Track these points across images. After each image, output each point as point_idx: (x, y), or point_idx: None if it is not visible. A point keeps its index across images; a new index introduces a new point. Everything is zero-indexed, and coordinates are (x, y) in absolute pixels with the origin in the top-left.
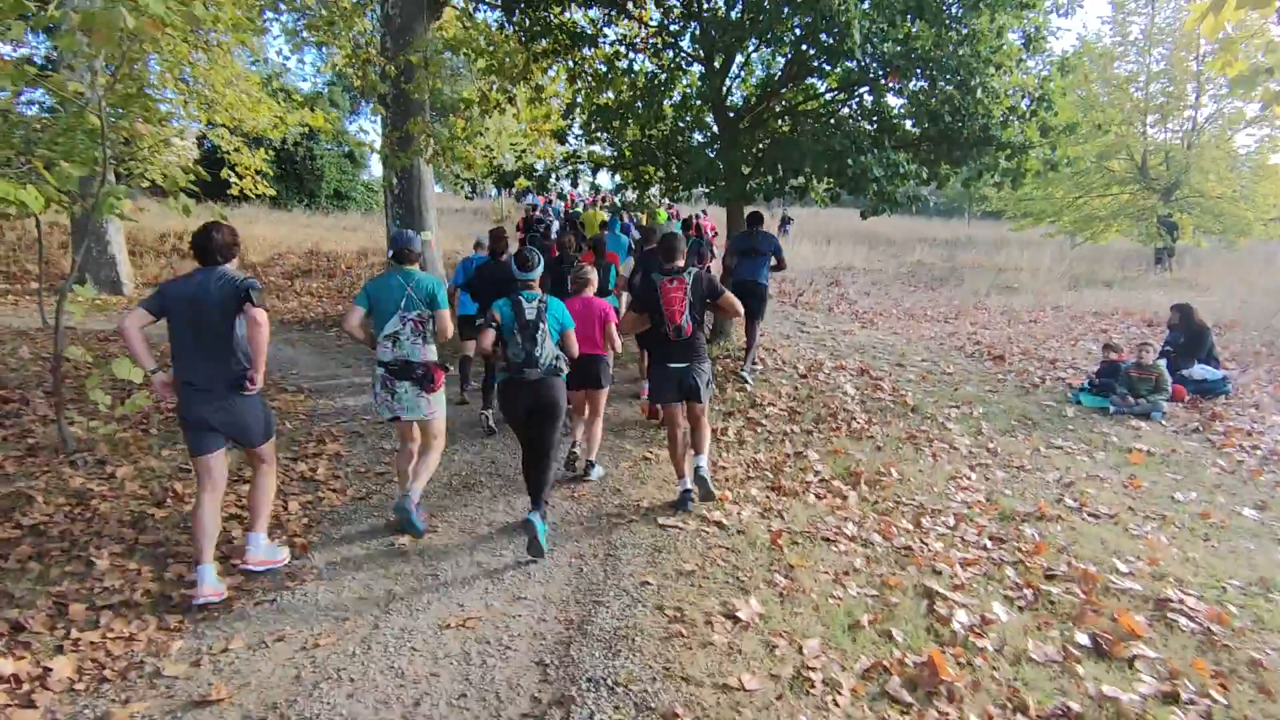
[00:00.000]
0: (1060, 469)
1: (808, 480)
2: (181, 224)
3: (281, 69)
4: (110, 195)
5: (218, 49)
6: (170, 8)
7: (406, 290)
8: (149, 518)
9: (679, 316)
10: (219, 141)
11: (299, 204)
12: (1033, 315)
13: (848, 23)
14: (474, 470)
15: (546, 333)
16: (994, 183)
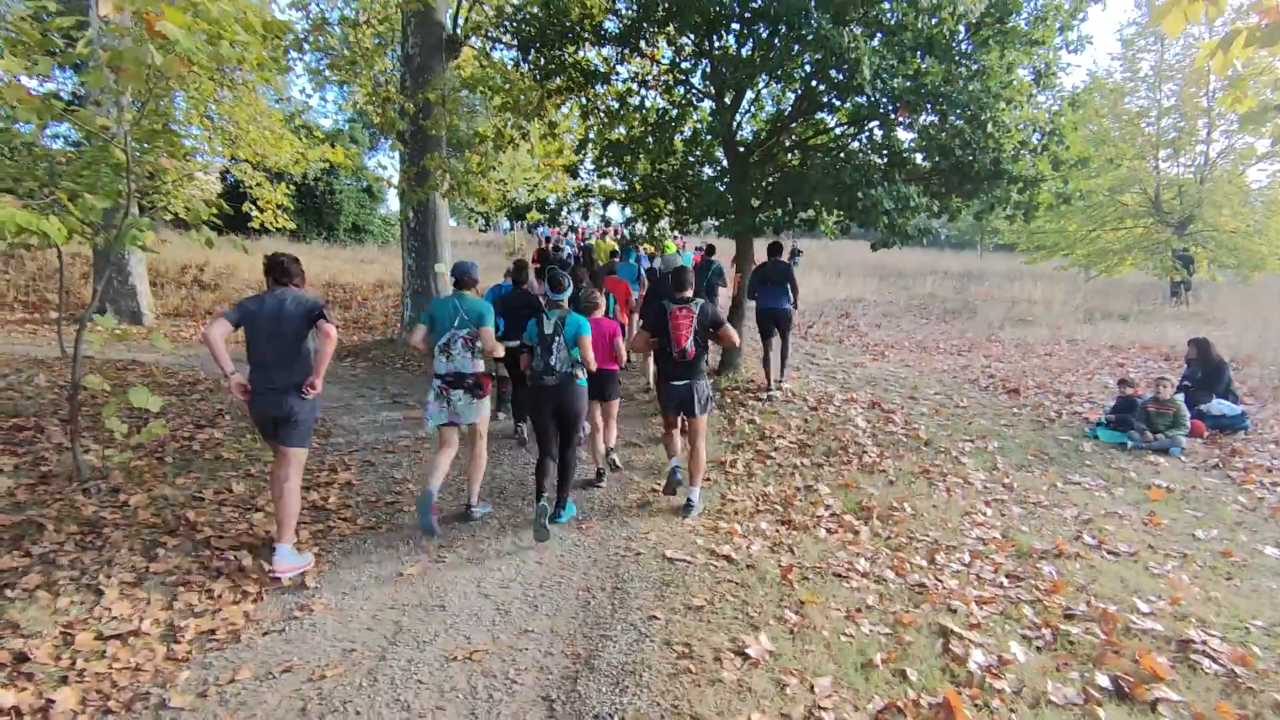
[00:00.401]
0: (1078, 505)
1: (818, 514)
2: (203, 255)
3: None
4: (133, 227)
5: (243, 87)
6: (198, 46)
7: (460, 311)
8: (161, 546)
9: (684, 340)
10: (242, 176)
11: (317, 237)
12: (1048, 348)
13: (857, 59)
14: (481, 500)
15: (562, 343)
16: (1006, 216)
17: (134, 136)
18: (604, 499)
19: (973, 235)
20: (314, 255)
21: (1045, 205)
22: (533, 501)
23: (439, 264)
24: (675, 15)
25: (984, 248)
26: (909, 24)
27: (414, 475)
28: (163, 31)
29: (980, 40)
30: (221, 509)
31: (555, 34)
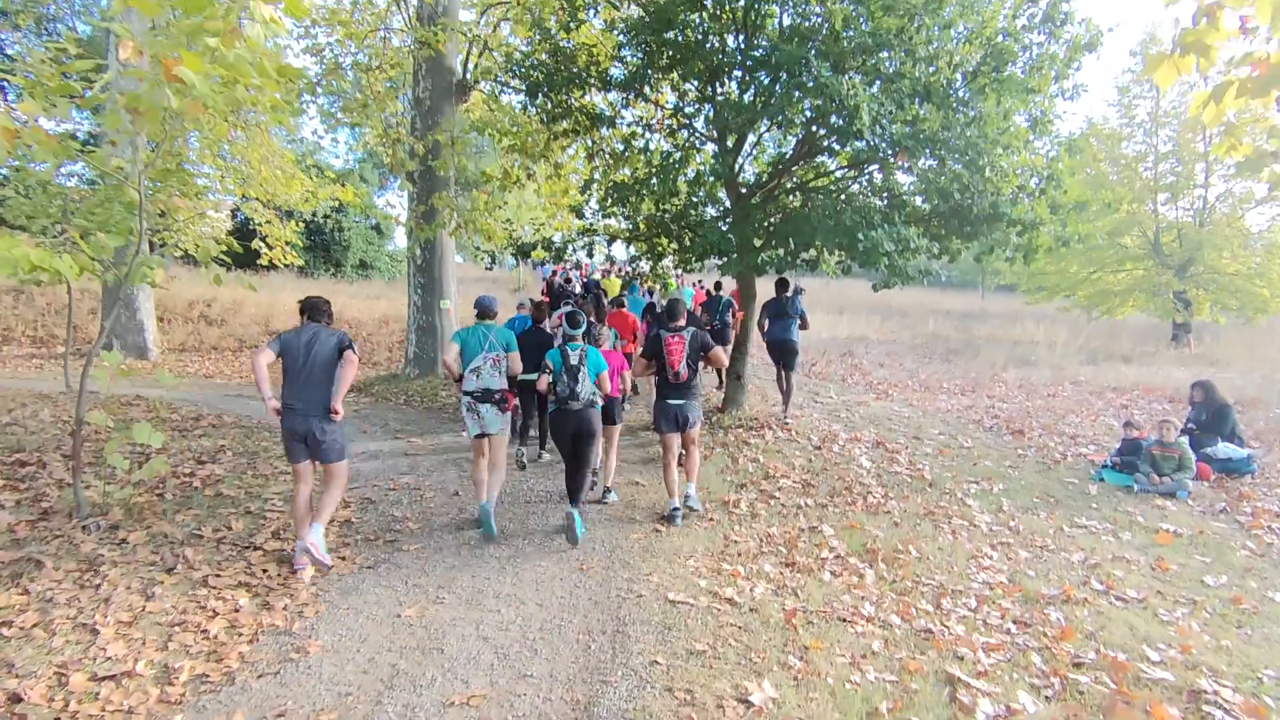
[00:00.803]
0: (1085, 549)
1: (823, 556)
2: (210, 291)
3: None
4: (144, 264)
5: (256, 128)
6: (214, 90)
7: (489, 337)
8: (158, 585)
9: (678, 364)
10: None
11: (325, 272)
12: (1051, 389)
13: (857, 106)
14: (482, 539)
15: (586, 374)
16: (1006, 258)
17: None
18: (606, 539)
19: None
20: (320, 290)
21: (1045, 248)
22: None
23: (445, 300)
24: (679, 63)
25: (985, 288)
26: (907, 72)
27: (414, 513)
28: (180, 76)
29: (977, 88)
30: (220, 547)
31: (562, 79)
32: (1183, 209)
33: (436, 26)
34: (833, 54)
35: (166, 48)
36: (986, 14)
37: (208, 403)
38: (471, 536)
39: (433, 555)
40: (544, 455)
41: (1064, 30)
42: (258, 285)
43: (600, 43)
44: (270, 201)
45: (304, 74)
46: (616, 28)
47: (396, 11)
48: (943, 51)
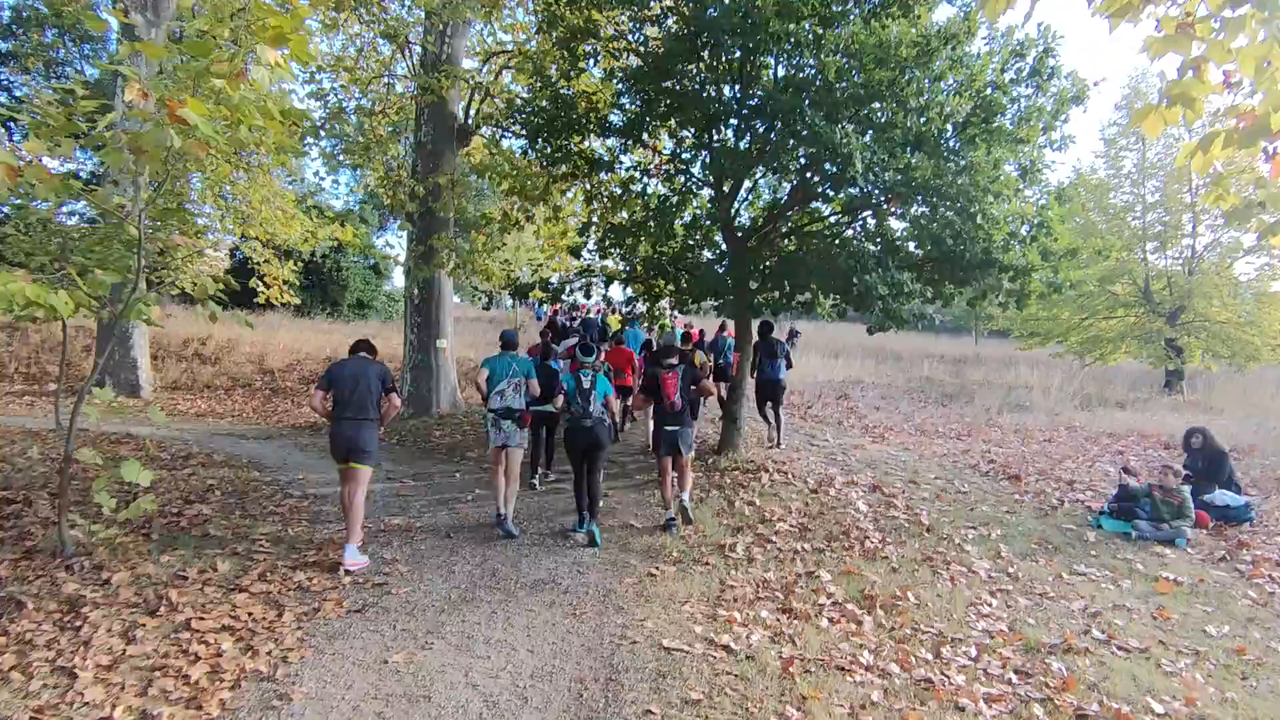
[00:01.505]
0: (1085, 597)
1: (820, 603)
2: (205, 329)
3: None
4: (140, 301)
5: (258, 169)
6: (217, 131)
7: (512, 365)
8: (140, 627)
9: (673, 394)
10: (250, 253)
11: (322, 312)
12: (1046, 434)
13: (850, 154)
14: (473, 583)
15: (595, 396)
16: (999, 303)
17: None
18: (599, 584)
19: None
20: (316, 330)
21: (1037, 294)
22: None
23: (441, 340)
24: (677, 111)
25: (979, 333)
26: (898, 122)
27: (404, 556)
28: (184, 117)
29: (967, 138)
30: (205, 589)
31: (562, 125)
32: (1172, 258)
33: (439, 73)
34: (826, 104)
35: (172, 90)
36: (975, 68)
37: (198, 441)
38: (462, 580)
39: (422, 599)
40: (550, 475)
41: (1051, 84)
42: (254, 323)
43: (600, 90)
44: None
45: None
46: (616, 76)
47: (401, 59)
48: (933, 103)
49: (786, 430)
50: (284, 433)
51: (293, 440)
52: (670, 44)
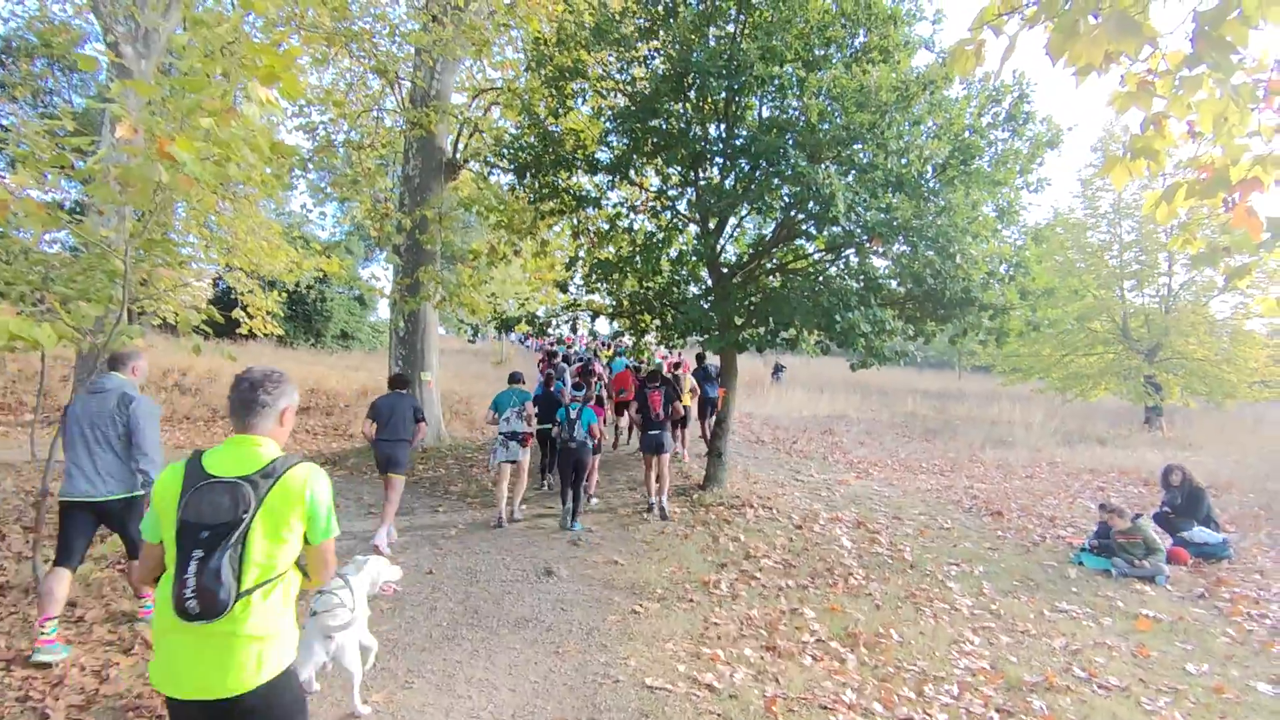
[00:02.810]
0: (1066, 634)
1: (804, 640)
2: (187, 360)
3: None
4: (123, 333)
5: (244, 200)
6: (206, 168)
7: (513, 397)
8: (114, 667)
9: (658, 407)
10: (234, 284)
11: (305, 342)
12: (1029, 470)
13: (832, 194)
14: (455, 621)
15: (581, 424)
16: (979, 340)
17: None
18: (583, 621)
19: (950, 356)
20: (299, 361)
21: (1016, 331)
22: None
23: (426, 373)
24: (663, 149)
25: (962, 368)
26: (879, 164)
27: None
28: (172, 155)
29: (946, 180)
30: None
31: (550, 162)
32: (1149, 296)
33: (428, 109)
34: (809, 145)
35: (162, 126)
36: (954, 111)
37: None
38: (444, 618)
39: (403, 638)
40: (547, 481)
41: (1026, 128)
42: (236, 355)
43: (587, 128)
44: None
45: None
46: (603, 115)
47: (390, 94)
48: (913, 145)
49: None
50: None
51: None
52: (657, 84)
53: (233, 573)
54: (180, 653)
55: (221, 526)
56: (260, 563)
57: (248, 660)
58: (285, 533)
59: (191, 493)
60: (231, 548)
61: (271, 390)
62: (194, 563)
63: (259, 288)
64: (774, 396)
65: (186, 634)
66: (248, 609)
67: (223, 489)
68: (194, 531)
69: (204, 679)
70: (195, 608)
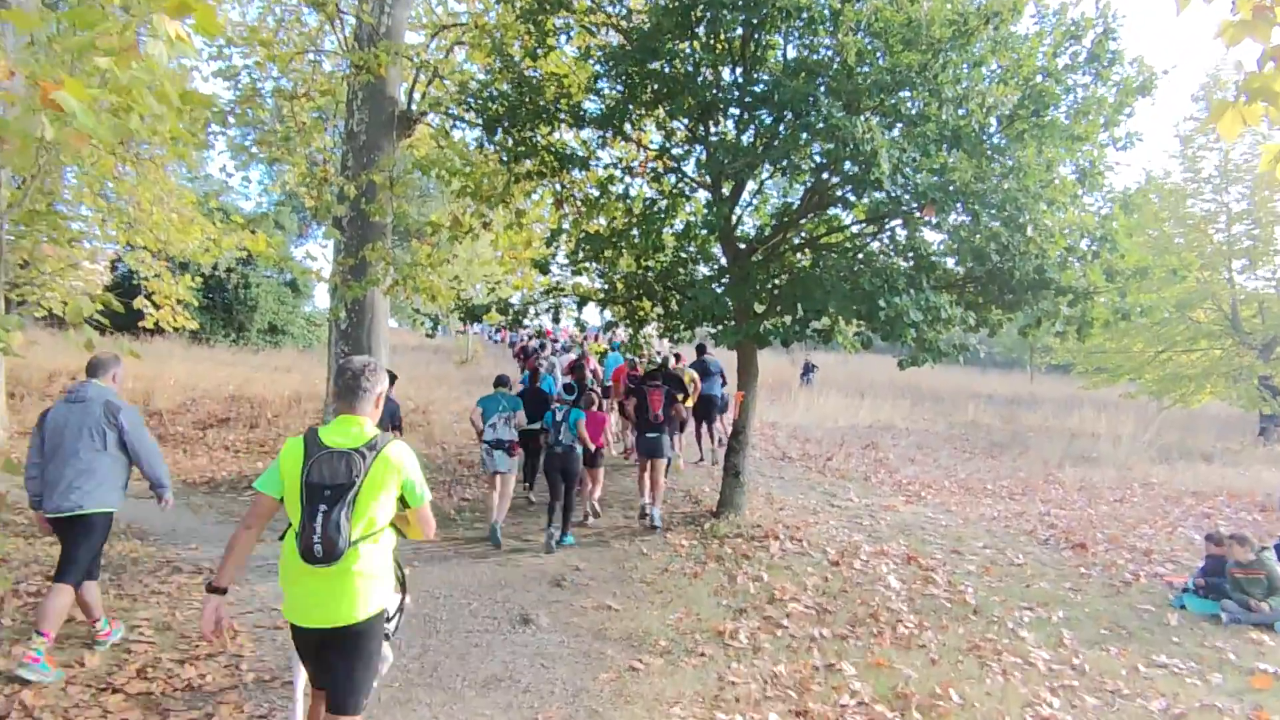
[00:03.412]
0: (1166, 695)
1: (842, 703)
2: (77, 361)
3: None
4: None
5: (149, 163)
6: (101, 120)
7: (501, 402)
8: None
9: (657, 407)
10: (137, 266)
11: (225, 338)
12: (1117, 493)
13: (874, 151)
14: (409, 680)
15: (567, 429)
16: (1056, 332)
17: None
18: (569, 680)
19: (1021, 354)
20: (217, 361)
21: (1101, 321)
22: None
23: None
24: (666, 98)
25: (1035, 368)
26: (932, 115)
27: None
28: (59, 102)
29: (1014, 134)
30: (68, 689)
31: (527, 113)
32: (1264, 278)
33: (377, 49)
34: (845, 92)
35: (46, 68)
36: (1023, 52)
37: None
38: (395, 676)
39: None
40: (529, 495)
41: (1112, 71)
42: (140, 354)
43: (573, 73)
44: (161, 251)
45: (214, 102)
46: (592, 56)
47: (329, 31)
48: (973, 92)
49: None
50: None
51: (184, 499)
52: (658, 18)
53: (348, 524)
54: (307, 591)
55: (339, 487)
56: (367, 518)
57: (357, 596)
58: (384, 495)
59: (314, 460)
60: (347, 505)
61: (370, 378)
62: (320, 516)
63: (167, 271)
64: (803, 402)
65: (311, 576)
66: (357, 554)
67: (339, 457)
68: (319, 490)
69: (324, 611)
70: (319, 552)
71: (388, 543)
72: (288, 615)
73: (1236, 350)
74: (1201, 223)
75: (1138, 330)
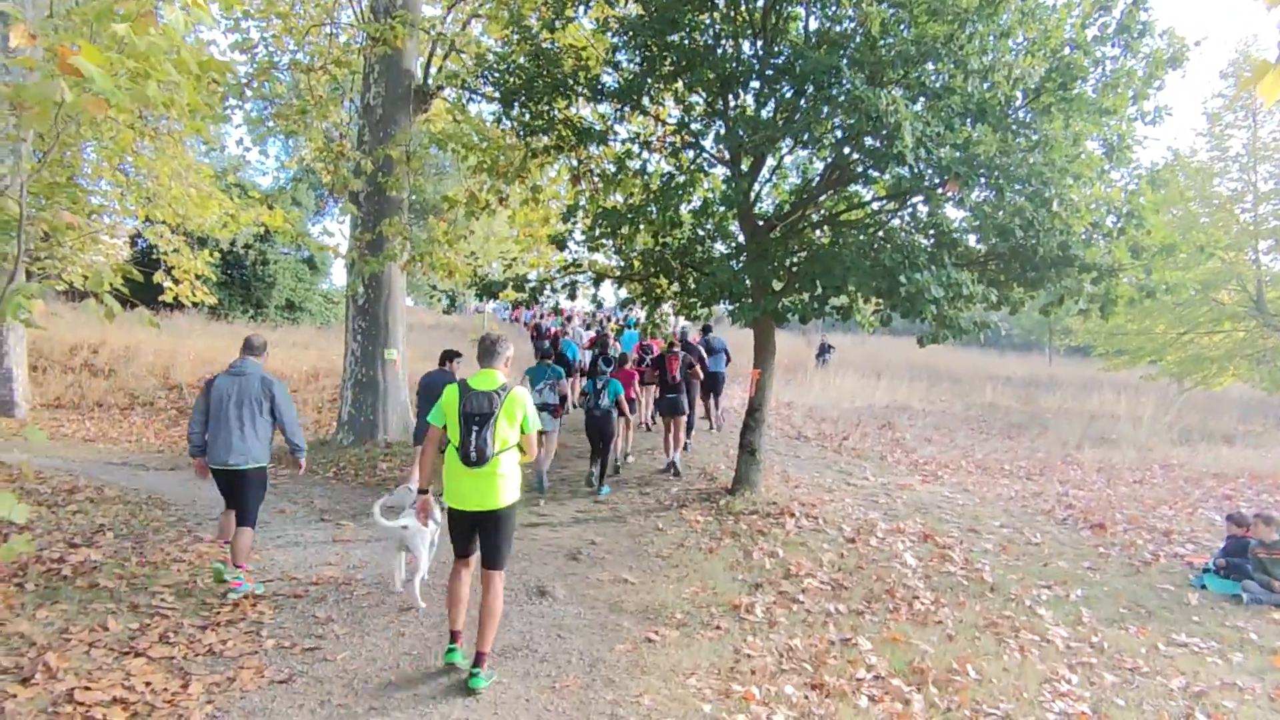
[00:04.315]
0: (1186, 673)
1: (858, 677)
2: (98, 335)
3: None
4: (20, 293)
5: (167, 137)
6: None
7: (547, 372)
8: (11, 699)
9: (674, 372)
10: (156, 240)
11: (243, 314)
12: (1137, 474)
13: (897, 125)
14: (427, 647)
15: (606, 395)
16: (1079, 310)
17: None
18: (585, 650)
19: (1040, 335)
20: (235, 337)
21: (1126, 299)
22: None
23: (390, 350)
24: (685, 70)
25: (1054, 349)
26: (957, 87)
27: (341, 614)
28: (77, 67)
29: (1041, 108)
30: (92, 652)
31: (544, 87)
32: None
33: (394, 20)
34: (868, 64)
35: (65, 35)
36: (1050, 22)
37: (87, 471)
38: (414, 644)
39: (364, 668)
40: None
41: (1142, 43)
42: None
43: (590, 45)
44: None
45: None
46: (610, 28)
47: (346, 3)
48: (1000, 64)
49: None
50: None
51: None
52: None
53: (490, 441)
54: (466, 486)
55: (485, 416)
56: (501, 438)
57: (498, 489)
58: (511, 423)
59: (467, 398)
60: (490, 428)
61: (502, 346)
62: (474, 435)
63: (185, 246)
64: (819, 382)
65: (469, 475)
66: (498, 462)
67: (483, 396)
68: (471, 418)
69: (479, 499)
70: (474, 458)
71: (514, 457)
72: (450, 502)
73: (1260, 332)
74: (1228, 202)
75: (1160, 311)
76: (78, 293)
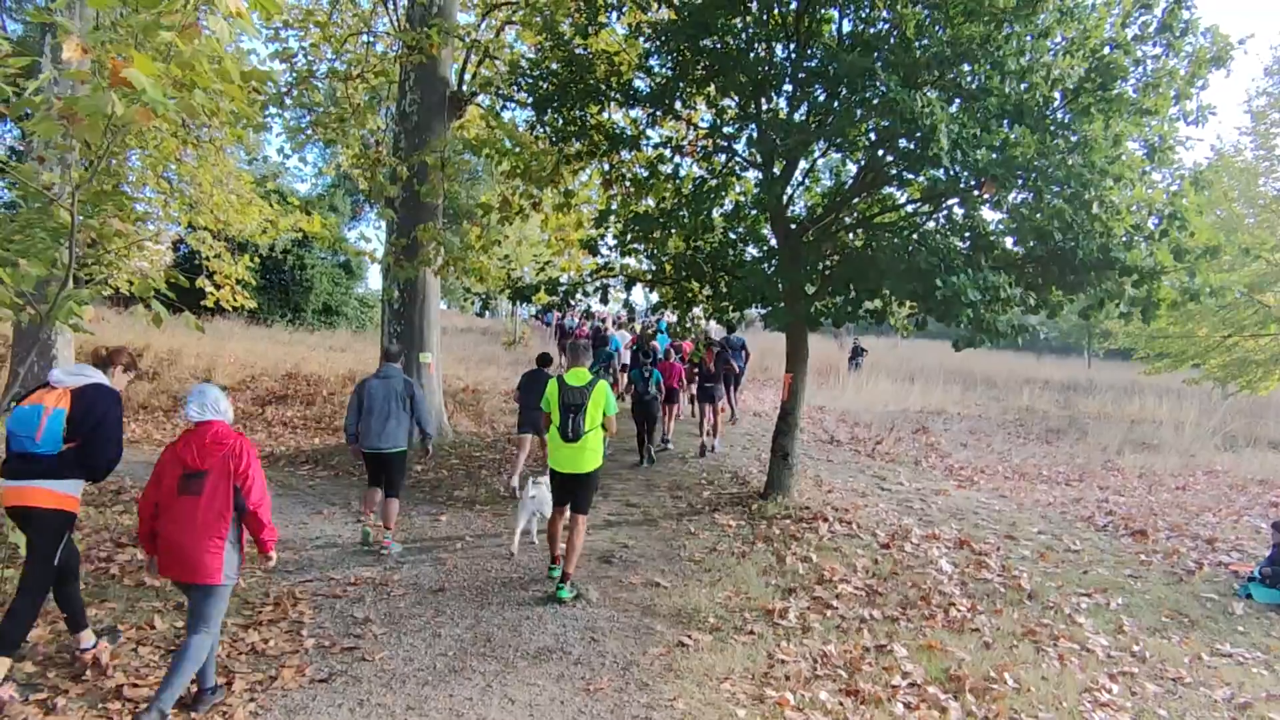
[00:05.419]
0: (1231, 684)
1: (894, 684)
2: (143, 338)
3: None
4: (71, 299)
5: (209, 145)
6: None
7: (595, 366)
8: (62, 695)
9: (710, 362)
10: (198, 246)
11: (281, 318)
12: (1180, 480)
13: (933, 126)
14: (463, 649)
15: (652, 384)
16: (1120, 314)
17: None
18: (619, 653)
19: (1079, 338)
20: (274, 341)
21: (1168, 303)
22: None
23: (426, 354)
24: (717, 74)
25: (1093, 352)
26: (994, 88)
27: (379, 615)
28: (129, 79)
29: (1080, 108)
30: (139, 650)
31: (577, 92)
32: None
33: (429, 29)
34: (903, 65)
35: (115, 48)
36: (1090, 22)
37: (132, 473)
38: (450, 645)
39: (401, 668)
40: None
41: (1184, 42)
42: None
43: (623, 50)
44: (221, 232)
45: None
46: (643, 33)
47: (383, 12)
48: (1038, 65)
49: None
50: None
51: None
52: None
53: (583, 422)
54: (563, 454)
55: (579, 405)
56: (590, 419)
57: (589, 457)
58: (597, 409)
59: (565, 391)
60: (583, 413)
61: (587, 349)
62: (571, 418)
63: (227, 251)
64: (852, 387)
65: (566, 447)
66: (587, 438)
67: (577, 390)
68: (568, 406)
69: (573, 465)
70: (571, 435)
71: (600, 434)
72: (553, 465)
73: None
74: (1274, 203)
75: (1204, 314)
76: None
